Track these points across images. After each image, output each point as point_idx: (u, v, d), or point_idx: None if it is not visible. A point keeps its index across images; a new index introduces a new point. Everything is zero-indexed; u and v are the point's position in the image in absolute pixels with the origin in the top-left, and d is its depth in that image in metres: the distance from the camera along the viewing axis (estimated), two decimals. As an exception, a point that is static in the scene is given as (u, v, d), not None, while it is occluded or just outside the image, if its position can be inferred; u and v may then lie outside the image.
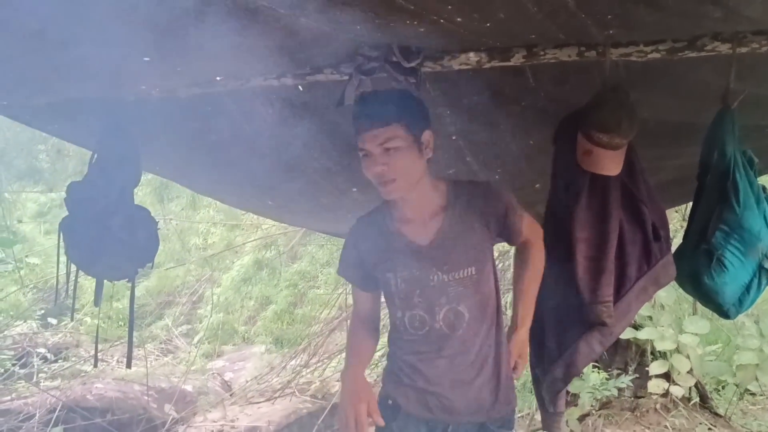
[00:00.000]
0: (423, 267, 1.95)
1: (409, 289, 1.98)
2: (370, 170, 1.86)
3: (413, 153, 1.85)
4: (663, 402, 4.85)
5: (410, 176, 1.87)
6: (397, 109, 1.82)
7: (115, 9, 1.39)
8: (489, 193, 1.99)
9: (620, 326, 1.84)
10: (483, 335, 1.99)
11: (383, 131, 1.81)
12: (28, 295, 7.68)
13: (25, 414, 5.13)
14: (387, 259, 2.01)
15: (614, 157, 1.78)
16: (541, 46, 1.76)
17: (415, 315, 1.99)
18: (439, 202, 1.98)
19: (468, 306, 1.96)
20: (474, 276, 1.95)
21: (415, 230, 1.98)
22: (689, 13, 1.50)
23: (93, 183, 2.30)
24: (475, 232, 1.95)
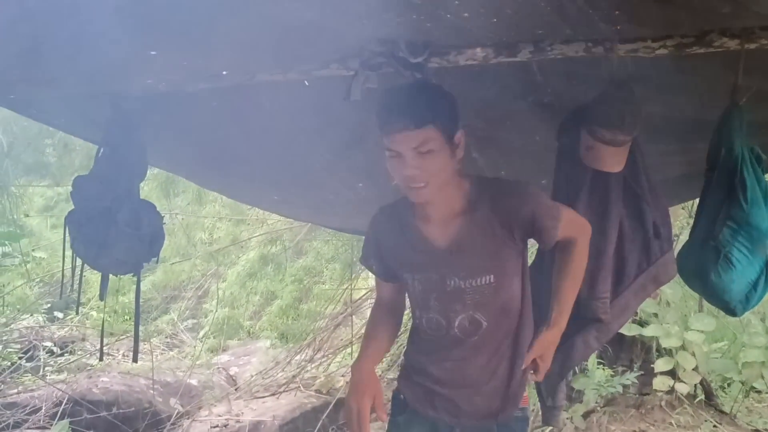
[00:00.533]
0: (440, 271, 1.87)
1: (426, 292, 1.91)
2: (399, 172, 1.74)
3: (446, 155, 1.73)
4: (668, 399, 4.84)
5: (441, 180, 1.76)
6: (433, 109, 1.71)
7: (122, 3, 1.39)
8: (515, 195, 1.84)
9: (618, 323, 1.84)
10: (499, 341, 1.91)
11: (418, 133, 1.68)
12: (34, 289, 7.72)
13: (31, 407, 5.16)
14: (405, 258, 1.94)
15: (616, 154, 1.77)
16: (548, 42, 1.75)
17: (432, 318, 1.92)
18: (461, 203, 1.85)
19: (486, 314, 1.87)
20: (492, 284, 1.85)
21: (434, 231, 1.88)
22: (697, 9, 1.49)
23: (99, 177, 2.30)
24: (497, 238, 1.83)
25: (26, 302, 7.28)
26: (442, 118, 1.71)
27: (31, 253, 8.06)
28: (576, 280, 1.96)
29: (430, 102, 1.72)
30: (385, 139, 1.72)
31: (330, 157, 2.53)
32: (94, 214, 2.27)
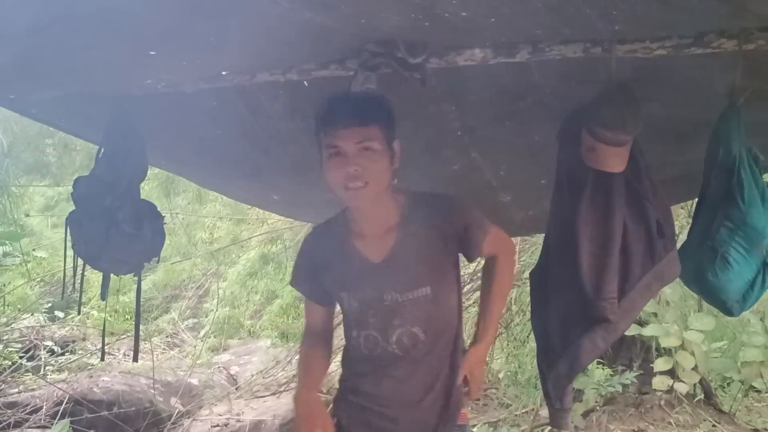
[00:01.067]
0: (376, 287, 1.85)
1: (363, 309, 1.88)
2: (339, 170, 1.73)
3: (386, 159, 1.77)
4: (667, 398, 4.86)
5: (380, 183, 1.77)
6: (378, 111, 1.76)
7: (121, 3, 1.39)
8: (448, 207, 1.88)
9: (624, 323, 1.84)
10: (437, 356, 1.89)
11: (363, 130, 1.72)
12: (35, 289, 7.72)
13: (32, 406, 5.17)
14: (340, 276, 1.91)
15: (618, 154, 1.78)
16: (546, 43, 1.76)
17: (369, 335, 1.89)
18: (396, 217, 1.86)
19: (423, 328, 1.86)
20: (429, 296, 1.85)
21: (369, 246, 1.87)
22: (695, 10, 1.50)
23: (100, 177, 2.31)
24: (432, 250, 1.85)
25: (27, 302, 7.29)
26: (385, 121, 1.76)
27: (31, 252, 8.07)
28: (501, 297, 2.02)
29: (375, 104, 1.77)
30: (327, 137, 1.74)
31: (329, 157, 2.52)
32: (94, 214, 2.28)
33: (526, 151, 2.49)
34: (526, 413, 5.31)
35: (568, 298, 1.86)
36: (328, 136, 1.74)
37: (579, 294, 1.81)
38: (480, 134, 2.37)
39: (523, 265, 5.78)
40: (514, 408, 5.46)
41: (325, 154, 1.77)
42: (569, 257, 1.83)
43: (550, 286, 1.95)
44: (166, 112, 2.34)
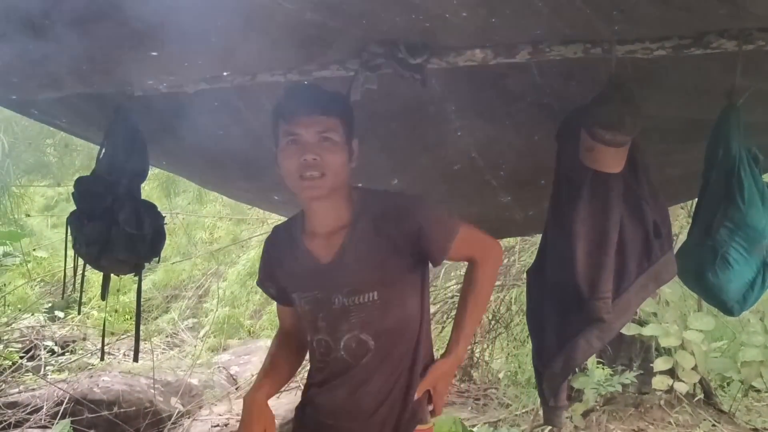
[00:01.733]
0: (325, 289, 1.78)
1: (313, 312, 1.82)
2: (295, 158, 1.68)
3: (345, 154, 1.73)
4: (667, 398, 4.87)
5: (337, 177, 1.71)
6: (341, 105, 1.75)
7: (122, 4, 1.40)
8: (400, 206, 1.77)
9: (619, 322, 1.84)
10: (392, 366, 1.79)
11: (324, 120, 1.69)
12: (35, 289, 7.73)
13: (32, 406, 5.18)
14: (293, 277, 1.87)
15: (617, 155, 1.78)
16: (546, 43, 1.76)
17: (321, 340, 1.82)
18: (347, 216, 1.79)
19: (373, 334, 1.77)
20: (377, 302, 1.75)
21: (319, 246, 1.81)
22: (695, 10, 1.50)
23: (100, 178, 2.31)
24: (380, 252, 1.74)
25: (27, 302, 7.29)
26: (346, 116, 1.75)
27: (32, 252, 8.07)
28: (479, 306, 1.89)
29: (337, 98, 1.76)
30: (286, 125, 1.71)
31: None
32: (95, 214, 2.28)
33: (526, 152, 2.49)
34: (526, 413, 5.32)
35: (563, 296, 1.87)
36: (288, 123, 1.70)
37: (574, 293, 1.81)
38: (480, 134, 2.37)
39: (523, 265, 5.79)
40: (514, 408, 5.47)
41: (282, 142, 1.72)
42: (565, 256, 1.83)
43: (547, 284, 1.95)
44: (167, 113, 2.34)
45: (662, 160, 2.41)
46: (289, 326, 2.01)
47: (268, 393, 1.90)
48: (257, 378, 1.94)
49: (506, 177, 2.68)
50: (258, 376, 1.95)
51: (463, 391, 6.48)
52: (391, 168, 2.64)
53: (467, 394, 6.40)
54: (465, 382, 6.72)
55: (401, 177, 2.70)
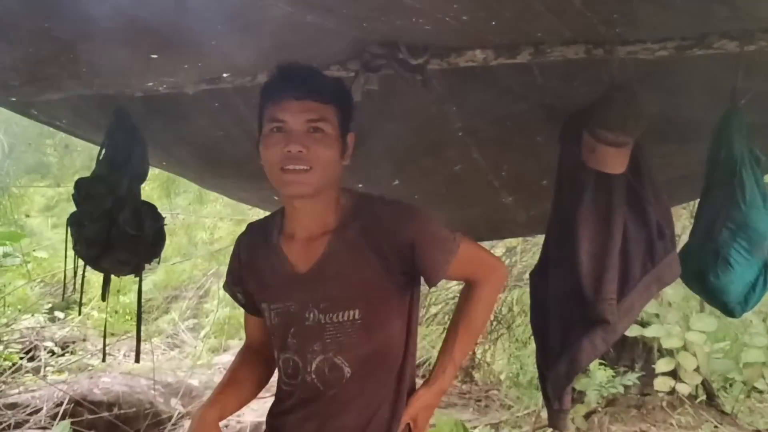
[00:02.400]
0: (299, 301, 1.56)
1: (283, 326, 1.59)
2: (280, 149, 1.44)
3: (337, 149, 1.50)
4: (669, 399, 4.86)
5: (326, 174, 1.48)
6: (338, 93, 1.52)
7: (123, 6, 1.39)
8: (395, 217, 1.54)
9: (624, 324, 1.84)
10: (370, 396, 1.56)
11: (316, 107, 1.46)
12: (35, 289, 7.73)
13: (32, 407, 5.18)
14: (264, 285, 1.63)
15: (619, 156, 1.78)
16: (548, 44, 1.75)
17: (288, 359, 1.60)
18: (333, 221, 1.56)
19: (350, 359, 1.54)
20: (358, 321, 1.53)
21: (297, 252, 1.57)
22: (696, 12, 1.50)
23: (101, 179, 2.31)
24: (367, 266, 1.52)
25: (27, 302, 7.29)
26: (343, 106, 1.53)
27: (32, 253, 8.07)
28: (472, 332, 1.70)
29: (335, 84, 1.54)
30: (273, 108, 1.47)
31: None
32: (96, 215, 2.28)
33: (527, 152, 2.49)
34: (527, 415, 5.31)
35: (567, 298, 1.86)
36: (274, 107, 1.47)
37: (578, 295, 1.80)
38: (481, 135, 2.37)
39: (525, 266, 5.78)
40: (516, 409, 5.47)
41: (265, 128, 1.49)
42: (569, 258, 1.82)
43: (550, 286, 1.95)
44: (167, 114, 2.34)
45: (664, 161, 2.41)
46: (256, 340, 1.77)
47: (221, 412, 1.62)
48: (212, 394, 1.67)
49: (508, 178, 2.67)
50: (213, 391, 1.68)
51: (464, 393, 6.47)
52: (392, 169, 2.64)
53: (468, 395, 6.39)
54: (466, 383, 6.71)
55: (402, 178, 2.70)
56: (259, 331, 1.75)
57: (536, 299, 2.06)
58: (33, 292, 7.67)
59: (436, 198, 2.89)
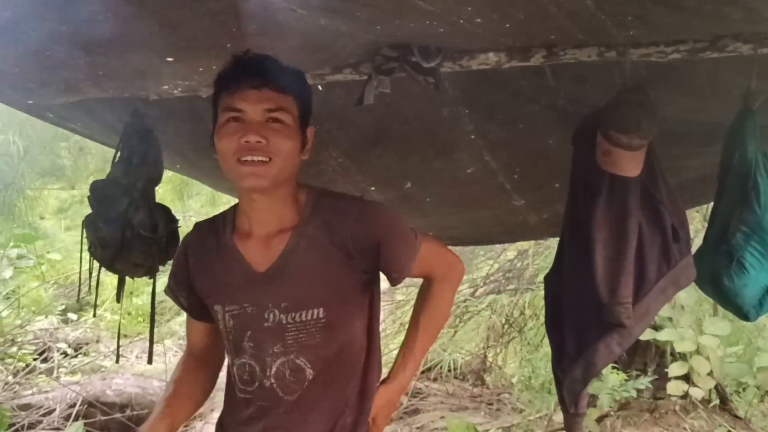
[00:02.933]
0: (257, 301, 1.49)
1: (239, 329, 1.51)
2: (237, 140, 1.38)
3: (297, 142, 1.44)
4: (682, 404, 4.82)
5: (285, 166, 1.42)
6: (298, 84, 1.47)
7: (139, 10, 1.41)
8: (360, 214, 1.50)
9: (639, 327, 1.83)
10: (334, 401, 1.51)
11: (275, 96, 1.40)
12: (49, 291, 7.78)
13: (46, 408, 5.22)
14: (216, 287, 1.54)
15: (633, 158, 1.77)
16: (560, 47, 1.75)
17: (244, 365, 1.52)
18: (293, 217, 1.50)
19: (312, 360, 1.48)
20: (322, 320, 1.47)
21: (254, 251, 1.51)
22: (710, 14, 1.49)
23: (116, 181, 2.32)
24: (331, 262, 1.48)
25: (41, 304, 7.34)
26: (304, 98, 1.48)
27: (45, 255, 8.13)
28: (433, 328, 1.68)
29: (296, 76, 1.48)
30: (229, 97, 1.41)
31: (343, 160, 2.54)
32: (110, 217, 2.29)
33: (539, 155, 2.48)
34: (539, 418, 5.29)
35: (582, 302, 1.85)
36: (230, 96, 1.41)
37: (594, 298, 1.80)
38: (493, 137, 2.37)
39: (537, 269, 5.76)
40: (528, 413, 5.44)
41: (221, 118, 1.42)
42: (584, 261, 1.82)
43: (565, 290, 1.94)
44: (181, 117, 2.35)
45: (677, 163, 2.40)
46: (200, 346, 1.68)
47: (171, 425, 1.55)
48: (156, 409, 1.58)
49: (520, 180, 2.67)
50: (157, 407, 1.58)
51: (475, 396, 6.45)
52: (403, 171, 2.64)
53: (480, 398, 6.38)
54: (478, 386, 6.69)
55: (414, 180, 2.70)
56: (203, 337, 1.68)
57: (551, 303, 2.06)
58: (47, 293, 7.72)
59: (448, 200, 2.90)
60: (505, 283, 6.49)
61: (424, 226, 3.38)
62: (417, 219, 3.18)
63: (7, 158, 5.59)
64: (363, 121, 2.28)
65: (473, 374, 6.81)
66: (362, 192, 2.76)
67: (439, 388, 6.45)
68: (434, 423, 5.61)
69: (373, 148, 2.46)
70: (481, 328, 6.53)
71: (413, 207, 2.95)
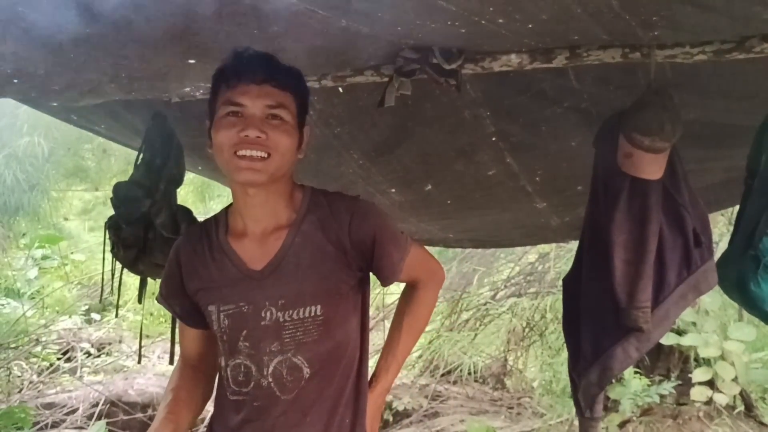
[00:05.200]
0: (253, 300, 1.49)
1: (235, 329, 1.50)
2: (236, 129, 1.40)
3: (295, 139, 1.45)
4: (706, 410, 4.77)
5: (283, 163, 1.43)
6: (298, 82, 1.50)
7: (162, 12, 1.41)
8: (356, 212, 1.51)
9: (658, 332, 1.80)
10: (331, 400, 1.52)
11: (277, 93, 1.42)
12: (72, 291, 7.87)
13: (69, 407, 5.28)
14: (211, 287, 1.54)
15: (656, 161, 1.75)
16: (584, 48, 1.74)
17: (239, 365, 1.51)
18: (288, 215, 1.52)
19: (309, 357, 1.49)
20: (320, 317, 1.48)
21: (249, 249, 1.51)
22: (737, 15, 1.47)
23: (138, 183, 2.35)
24: (327, 259, 1.49)
25: (65, 304, 7.42)
26: (302, 96, 1.51)
27: (69, 255, 8.22)
28: (414, 331, 1.70)
29: (295, 74, 1.50)
30: (230, 92, 1.43)
31: (363, 162, 2.53)
32: (133, 218, 2.31)
33: (562, 157, 2.46)
34: (560, 423, 5.25)
35: (600, 305, 1.83)
36: (230, 90, 1.42)
37: (612, 302, 1.78)
38: (515, 140, 2.35)
39: (558, 272, 5.73)
40: (549, 417, 5.41)
41: (220, 112, 1.44)
42: (603, 264, 1.80)
43: (583, 293, 1.92)
44: (202, 119, 2.36)
45: (702, 166, 2.37)
46: (194, 353, 1.68)
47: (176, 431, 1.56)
48: (158, 416, 1.57)
49: (542, 183, 2.65)
50: (159, 414, 1.58)
51: (496, 400, 6.42)
52: (425, 173, 2.64)
53: (500, 402, 6.34)
54: (498, 390, 6.66)
55: (435, 182, 2.69)
56: (197, 344, 1.68)
57: (569, 305, 2.04)
58: (70, 294, 7.81)
59: (469, 203, 2.88)
60: (526, 286, 6.46)
61: (445, 228, 3.38)
62: (438, 221, 3.17)
63: (33, 160, 5.67)
64: (384, 123, 2.28)
65: (494, 378, 6.77)
66: (383, 194, 2.76)
67: (459, 391, 6.43)
68: (454, 426, 5.59)
69: (393, 149, 2.45)
70: (501, 331, 6.50)
71: (434, 209, 2.95)
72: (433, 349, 6.32)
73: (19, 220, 6.34)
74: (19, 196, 5.75)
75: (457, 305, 6.64)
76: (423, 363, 6.52)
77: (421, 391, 6.28)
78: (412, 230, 3.32)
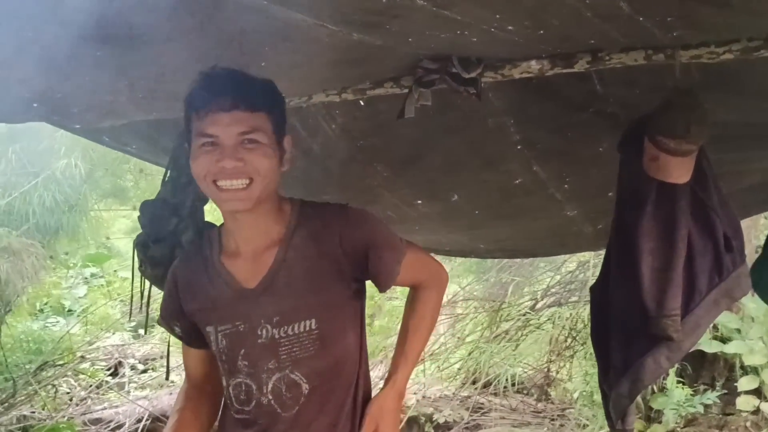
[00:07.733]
0: (249, 319, 1.49)
1: (233, 348, 1.51)
2: (212, 163, 1.39)
3: (275, 158, 1.45)
4: (754, 420, 4.63)
5: (266, 185, 1.43)
6: (269, 97, 1.47)
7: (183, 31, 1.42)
8: (346, 220, 1.52)
9: (689, 341, 1.75)
10: (331, 415, 1.52)
11: (249, 117, 1.39)
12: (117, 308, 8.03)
13: (115, 423, 5.39)
14: (208, 308, 1.55)
15: (683, 164, 1.70)
16: (606, 51, 1.70)
17: (240, 384, 1.52)
18: (279, 231, 1.52)
19: (306, 373, 1.48)
20: (315, 331, 1.48)
21: (243, 268, 1.52)
22: (760, 12, 1.42)
23: (164, 201, 2.37)
24: (321, 272, 1.49)
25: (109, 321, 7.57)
26: (276, 111, 1.47)
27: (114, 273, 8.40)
28: (421, 333, 1.69)
29: (265, 89, 1.47)
30: (201, 122, 1.40)
31: (388, 174, 2.53)
32: (160, 236, 2.33)
33: (590, 163, 2.42)
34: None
35: (629, 314, 1.79)
36: (201, 121, 1.40)
37: (641, 310, 1.73)
38: (541, 147, 2.32)
39: (597, 281, 5.62)
40: (591, 428, 5.31)
41: (195, 143, 1.42)
42: (630, 272, 1.76)
43: (611, 302, 1.88)
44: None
45: (737, 168, 2.31)
46: (198, 375, 1.70)
47: None
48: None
49: (571, 190, 2.61)
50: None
51: (539, 411, 6.33)
52: (450, 184, 2.61)
53: (543, 414, 6.25)
54: (542, 401, 6.57)
55: (461, 193, 2.66)
56: (200, 364, 1.69)
57: (597, 315, 2.00)
58: (115, 310, 7.97)
59: (498, 212, 2.85)
60: (566, 295, 6.37)
61: (475, 239, 3.35)
62: (467, 231, 3.14)
63: (71, 181, 5.81)
64: (407, 135, 2.27)
65: (537, 389, 6.68)
66: (409, 206, 2.74)
67: (501, 402, 6.36)
68: (496, 439, 5.53)
69: (418, 161, 2.44)
70: (542, 341, 6.42)
71: (462, 220, 2.92)
72: (474, 360, 6.26)
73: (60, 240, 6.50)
74: (58, 216, 5.90)
75: (496, 315, 6.58)
76: (464, 374, 6.46)
77: (462, 403, 6.23)
78: (442, 241, 3.29)
